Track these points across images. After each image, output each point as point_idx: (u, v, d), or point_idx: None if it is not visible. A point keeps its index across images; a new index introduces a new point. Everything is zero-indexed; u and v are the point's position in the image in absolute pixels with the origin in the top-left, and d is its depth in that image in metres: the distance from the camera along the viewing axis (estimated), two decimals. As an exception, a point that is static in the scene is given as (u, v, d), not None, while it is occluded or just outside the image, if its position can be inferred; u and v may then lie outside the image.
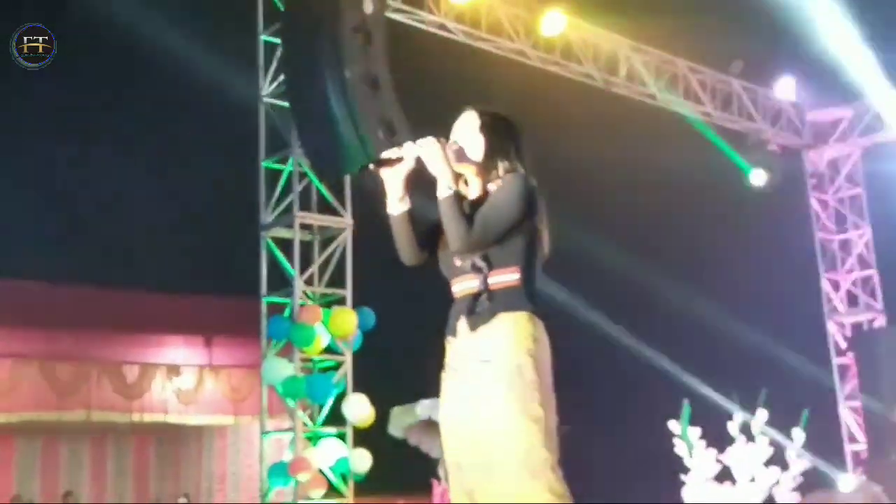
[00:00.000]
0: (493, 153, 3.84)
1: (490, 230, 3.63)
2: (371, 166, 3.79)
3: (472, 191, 3.88)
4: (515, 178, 3.74)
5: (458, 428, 3.73)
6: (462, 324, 3.72)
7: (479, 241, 3.63)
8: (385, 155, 3.80)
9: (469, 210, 3.76)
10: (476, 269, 3.71)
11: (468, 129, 3.89)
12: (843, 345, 15.62)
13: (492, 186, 3.79)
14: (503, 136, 3.87)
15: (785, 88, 15.03)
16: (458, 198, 3.66)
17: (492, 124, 3.88)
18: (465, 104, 3.98)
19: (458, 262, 3.77)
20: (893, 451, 11.63)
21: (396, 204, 3.79)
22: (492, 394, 3.62)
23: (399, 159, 3.76)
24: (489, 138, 3.85)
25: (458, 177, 3.84)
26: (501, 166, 3.81)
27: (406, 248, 3.82)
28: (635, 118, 13.73)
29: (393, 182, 3.77)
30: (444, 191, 3.64)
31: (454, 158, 3.80)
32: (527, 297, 3.71)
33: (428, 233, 3.85)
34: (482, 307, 3.68)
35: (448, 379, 3.79)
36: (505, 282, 3.70)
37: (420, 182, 3.90)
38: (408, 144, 3.80)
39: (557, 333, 3.72)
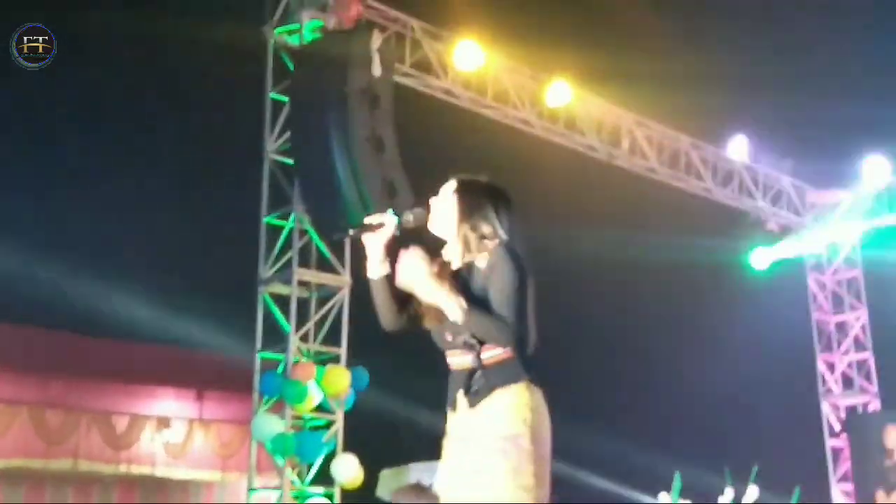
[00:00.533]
0: (466, 217, 3.81)
1: (521, 324, 3.59)
2: (352, 231, 3.80)
3: (458, 260, 3.85)
4: (502, 256, 3.66)
5: (454, 496, 3.74)
6: (461, 399, 3.74)
7: (516, 337, 3.58)
8: (367, 221, 3.82)
9: (468, 284, 3.76)
10: (468, 346, 3.68)
11: (445, 196, 3.89)
12: (837, 427, 15.57)
13: (480, 262, 3.76)
14: (477, 199, 3.80)
15: (737, 148, 14.74)
16: (475, 309, 3.57)
17: (465, 188, 3.84)
18: (465, 168, 4.00)
19: (448, 337, 3.76)
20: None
21: (377, 268, 3.78)
22: (487, 463, 3.63)
23: (380, 225, 3.79)
24: (462, 202, 3.83)
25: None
26: (479, 230, 3.77)
27: (385, 313, 3.80)
28: (636, 192, 13.80)
29: (374, 247, 3.76)
30: (455, 312, 3.56)
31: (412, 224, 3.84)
32: (522, 368, 3.71)
33: (408, 301, 3.81)
34: (478, 384, 3.66)
35: (448, 448, 3.80)
36: (498, 356, 3.66)
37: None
38: (389, 214, 3.82)
39: (553, 402, 3.73)
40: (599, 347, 13.64)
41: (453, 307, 3.56)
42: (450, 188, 3.87)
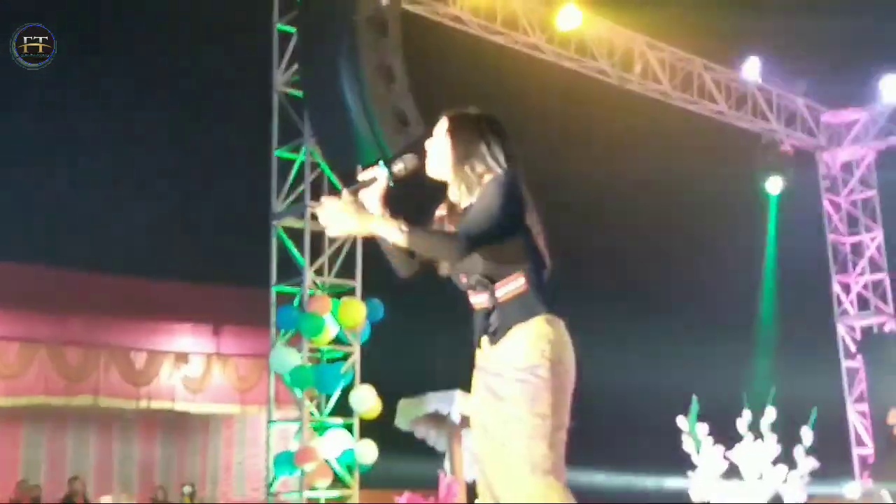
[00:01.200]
0: (462, 156, 3.76)
1: (475, 238, 3.52)
2: (345, 191, 3.76)
3: (462, 199, 3.82)
4: (493, 181, 3.63)
5: (479, 426, 3.77)
6: (484, 339, 3.74)
7: (465, 250, 3.53)
8: (360, 178, 3.74)
9: (456, 222, 3.75)
10: (482, 285, 3.68)
11: (439, 136, 3.84)
12: (853, 348, 15.60)
13: (475, 194, 3.74)
14: (471, 136, 3.74)
15: (750, 70, 14.56)
16: (417, 228, 3.53)
17: (458, 126, 3.77)
18: (475, 98, 3.95)
19: (463, 279, 3.75)
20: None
21: (377, 222, 3.64)
22: (507, 393, 3.64)
23: (372, 180, 3.72)
24: (455, 141, 3.78)
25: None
26: (477, 168, 3.74)
27: (396, 263, 3.78)
28: (649, 117, 13.70)
29: (371, 202, 3.69)
30: (396, 235, 3.51)
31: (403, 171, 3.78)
32: (538, 301, 3.69)
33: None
34: (496, 323, 3.68)
35: (476, 380, 3.81)
36: (512, 291, 3.66)
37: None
38: (379, 167, 3.77)
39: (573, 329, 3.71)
40: (613, 272, 13.61)
41: (393, 231, 3.51)
42: (441, 128, 3.83)
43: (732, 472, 5.59)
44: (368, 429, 10.17)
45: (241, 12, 11.48)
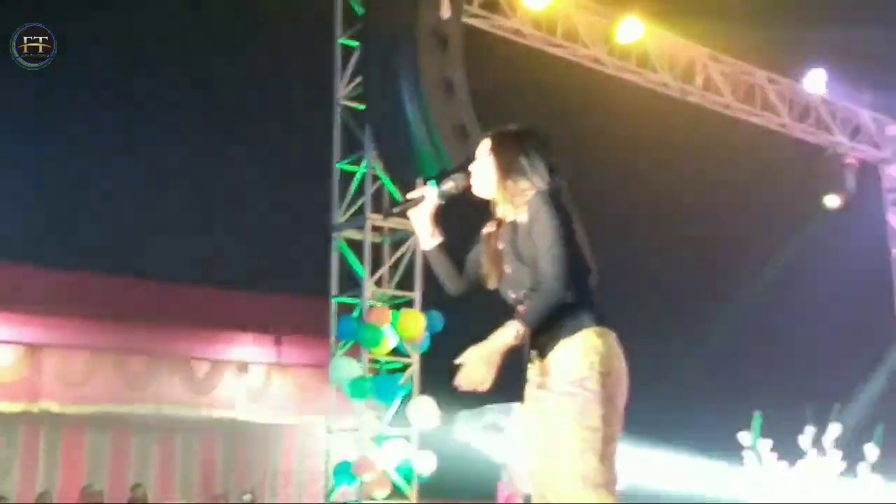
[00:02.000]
0: (505, 173, 3.81)
1: (559, 272, 3.51)
2: (395, 210, 3.85)
3: (508, 215, 3.85)
4: (535, 200, 3.59)
5: (530, 440, 3.78)
6: (533, 353, 3.75)
7: (563, 289, 3.51)
8: (408, 196, 3.83)
9: (511, 241, 3.76)
10: (524, 295, 3.66)
11: (482, 155, 3.88)
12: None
13: (521, 217, 3.75)
14: (512, 152, 3.78)
15: (814, 82, 14.31)
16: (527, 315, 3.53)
17: (498, 144, 3.85)
18: (536, 110, 4.00)
19: (512, 294, 3.77)
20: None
21: (428, 240, 3.81)
22: (555, 406, 3.64)
23: (421, 198, 3.79)
24: (497, 159, 3.83)
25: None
26: (520, 183, 3.76)
27: (446, 280, 3.86)
28: (711, 129, 13.59)
29: (420, 221, 3.80)
30: (511, 337, 3.51)
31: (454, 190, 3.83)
32: (584, 314, 3.69)
33: (470, 263, 3.85)
34: (545, 338, 3.68)
35: (527, 394, 3.83)
36: (538, 309, 3.70)
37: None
38: (428, 186, 3.82)
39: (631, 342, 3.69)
40: (676, 285, 13.50)
41: (509, 336, 3.47)
42: (485, 148, 3.86)
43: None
44: (427, 439, 10.18)
45: (305, 27, 11.58)
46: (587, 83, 12.25)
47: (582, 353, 3.66)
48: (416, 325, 10.07)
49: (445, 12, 9.71)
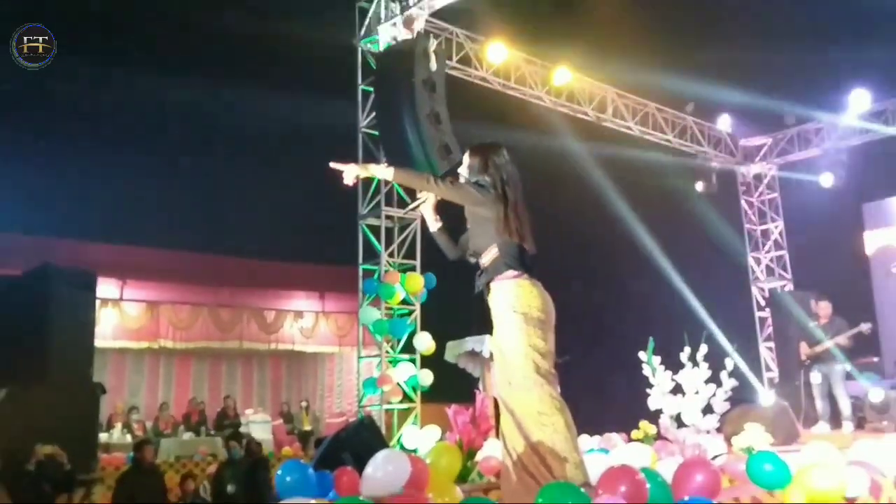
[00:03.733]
0: (471, 172, 3.95)
1: (442, 185, 3.79)
2: (411, 206, 4.01)
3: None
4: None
5: (494, 357, 3.82)
6: (484, 289, 3.85)
7: (434, 183, 3.81)
8: (418, 197, 4.06)
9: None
10: (476, 255, 3.89)
11: (464, 163, 4.05)
12: (763, 303, 15.43)
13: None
14: (476, 158, 3.98)
15: (724, 123, 14.76)
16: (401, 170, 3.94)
17: (470, 154, 4.02)
18: (497, 133, 4.10)
19: (472, 259, 3.93)
20: (797, 378, 11.44)
21: (433, 224, 4.05)
22: (500, 332, 3.72)
23: (425, 199, 4.02)
24: (469, 163, 4.00)
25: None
26: (485, 177, 3.91)
27: (446, 251, 4.06)
28: (618, 145, 13.53)
29: (427, 212, 4.05)
30: (383, 172, 3.90)
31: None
32: (505, 265, 3.75)
33: (461, 240, 4.05)
34: (482, 281, 3.84)
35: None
36: (489, 259, 3.77)
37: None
38: (423, 195, 4.02)
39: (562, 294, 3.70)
40: (596, 248, 13.42)
41: (380, 169, 3.86)
42: (465, 157, 4.05)
43: (677, 389, 5.53)
44: (426, 362, 10.20)
45: (338, 78, 11.50)
46: (532, 114, 12.22)
47: (505, 298, 3.76)
48: (417, 283, 10.08)
49: (433, 66, 9.65)
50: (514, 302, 3.71)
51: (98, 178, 12.38)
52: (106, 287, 13.49)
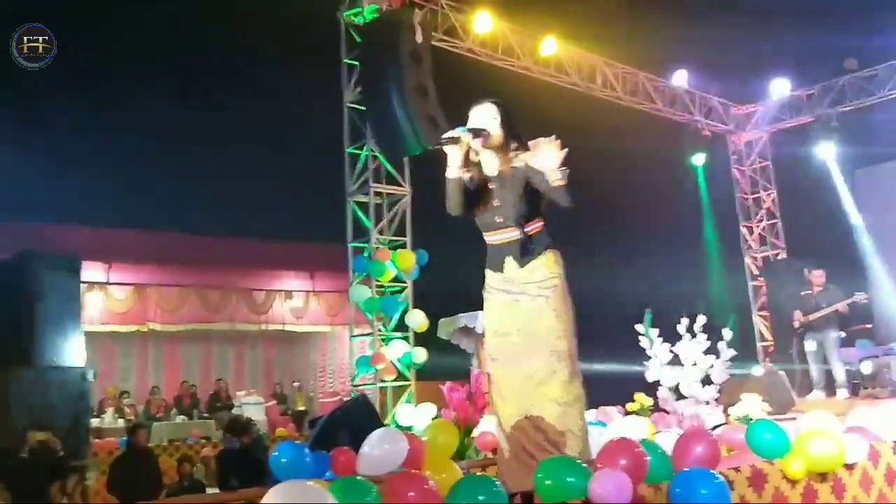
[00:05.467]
0: (508, 137, 3.79)
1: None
2: (439, 143, 3.72)
3: (491, 165, 3.79)
4: (530, 164, 3.65)
5: (502, 332, 3.70)
6: (510, 260, 3.69)
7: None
8: (449, 135, 3.69)
9: (503, 182, 3.70)
10: (518, 223, 3.69)
11: (489, 119, 3.79)
12: (756, 272, 15.49)
13: (518, 162, 3.71)
14: (513, 124, 3.81)
15: (678, 78, 14.16)
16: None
17: (506, 116, 3.81)
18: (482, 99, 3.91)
19: (498, 220, 3.72)
20: (790, 347, 11.53)
21: (455, 170, 3.68)
22: (537, 304, 3.63)
23: (458, 138, 3.67)
24: (505, 126, 3.79)
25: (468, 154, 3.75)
26: (513, 144, 3.78)
27: (455, 204, 3.72)
28: (608, 116, 13.44)
29: (455, 154, 3.67)
30: (556, 179, 3.60)
31: (484, 143, 3.73)
32: (549, 236, 3.73)
33: (470, 196, 3.78)
34: (527, 248, 3.67)
35: (494, 298, 3.75)
36: (536, 228, 3.70)
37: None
38: (462, 130, 3.71)
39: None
40: (587, 225, 13.34)
41: (554, 176, 3.58)
42: (491, 112, 3.76)
43: (675, 360, 5.54)
44: (419, 339, 10.19)
45: (321, 53, 11.36)
46: (520, 85, 12.12)
47: (551, 266, 3.71)
48: (408, 260, 10.04)
49: (419, 38, 9.55)
50: (563, 273, 3.72)
51: (79, 161, 12.23)
52: (91, 271, 13.40)
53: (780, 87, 14.74)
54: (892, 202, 14.10)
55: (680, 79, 14.13)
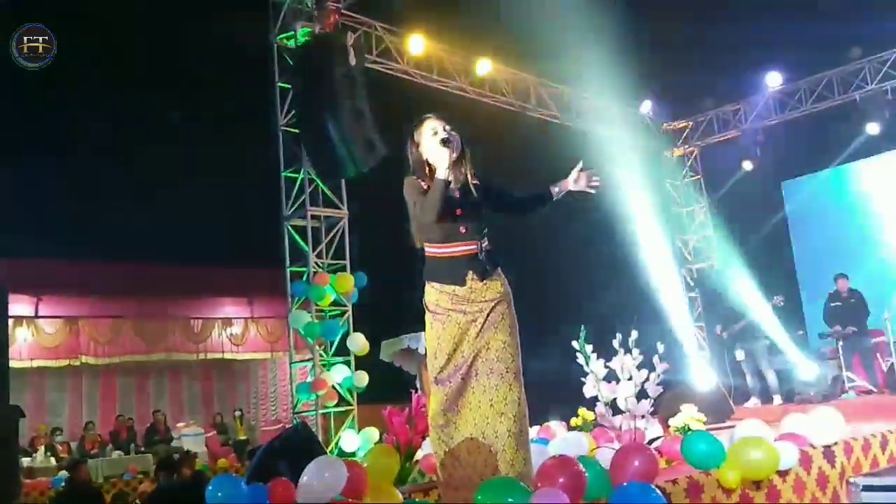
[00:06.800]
0: (462, 153, 3.83)
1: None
2: (440, 144, 3.72)
3: (455, 176, 3.77)
4: (485, 176, 3.82)
5: (452, 351, 3.66)
6: (471, 275, 3.68)
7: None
8: (442, 139, 3.73)
9: (466, 195, 3.77)
10: (482, 236, 3.74)
11: (440, 130, 3.80)
12: (692, 283, 15.83)
13: (474, 180, 3.79)
14: (464, 144, 3.87)
15: (646, 108, 15.04)
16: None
17: (458, 132, 3.85)
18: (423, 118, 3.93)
19: (462, 230, 3.72)
20: (722, 357, 11.84)
21: (444, 172, 3.65)
22: (495, 323, 3.66)
23: (451, 141, 3.71)
24: (461, 145, 3.82)
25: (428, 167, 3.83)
26: (468, 163, 3.82)
27: (437, 208, 3.61)
28: (542, 133, 13.60)
29: (444, 156, 3.68)
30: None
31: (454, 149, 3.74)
32: (495, 254, 3.82)
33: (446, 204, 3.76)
34: (488, 264, 3.72)
35: (445, 318, 3.68)
36: (488, 246, 3.77)
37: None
38: (457, 139, 3.75)
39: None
40: (523, 243, 13.46)
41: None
42: (443, 127, 3.81)
43: (611, 375, 5.62)
44: (361, 363, 10.14)
45: (251, 75, 11.29)
46: (456, 107, 12.22)
47: (505, 284, 3.79)
48: (347, 283, 10.00)
49: (353, 61, 9.58)
50: (509, 289, 3.78)
51: (1, 189, 11.88)
52: (19, 305, 12.99)
53: (709, 103, 15.21)
54: (819, 210, 14.62)
55: (646, 108, 14.53)
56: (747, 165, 14.53)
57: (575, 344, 5.70)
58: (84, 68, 12.08)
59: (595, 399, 5.70)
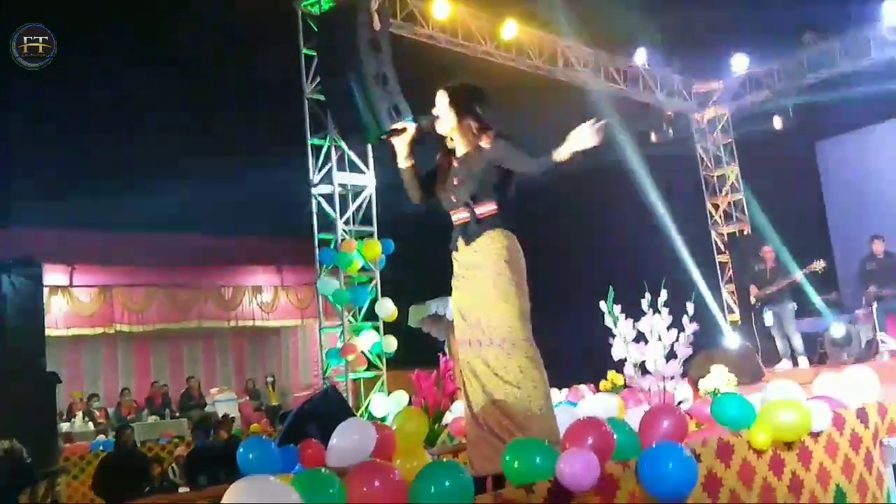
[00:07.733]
0: (462, 117, 3.77)
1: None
2: (384, 136, 3.84)
3: (460, 147, 3.82)
4: (501, 137, 3.68)
5: (463, 315, 3.74)
6: (460, 241, 3.71)
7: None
8: (393, 127, 3.81)
9: (465, 162, 3.72)
10: (466, 205, 3.70)
11: (442, 105, 3.82)
12: (722, 247, 15.67)
13: (484, 143, 3.72)
14: (466, 102, 3.79)
15: (639, 57, 14.19)
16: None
17: (455, 96, 3.80)
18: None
19: (453, 199, 3.74)
20: (751, 320, 11.74)
21: (403, 161, 3.78)
22: (483, 288, 3.63)
23: (404, 129, 3.75)
24: (456, 107, 3.78)
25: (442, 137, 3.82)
26: (473, 124, 3.75)
27: (413, 193, 3.81)
28: (571, 97, 13.42)
29: (401, 145, 3.76)
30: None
31: (432, 127, 3.78)
32: (501, 220, 3.71)
33: (428, 180, 3.83)
34: (473, 229, 3.67)
35: (455, 281, 3.79)
36: (486, 213, 3.68)
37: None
38: (408, 120, 3.78)
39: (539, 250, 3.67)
40: (550, 204, 13.35)
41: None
42: (443, 99, 3.79)
43: (640, 336, 5.58)
44: (389, 328, 10.18)
45: (278, 44, 11.22)
46: (482, 70, 12.07)
47: (496, 248, 3.69)
48: (375, 250, 10.00)
49: (377, 26, 9.49)
50: (511, 256, 3.67)
51: (35, 162, 12.01)
52: (54, 274, 13.19)
53: (740, 63, 14.84)
54: (853, 172, 14.32)
55: (640, 57, 14.17)
56: (778, 124, 14.24)
57: (603, 305, 5.66)
58: (116, 41, 12.13)
59: (624, 361, 5.66)
